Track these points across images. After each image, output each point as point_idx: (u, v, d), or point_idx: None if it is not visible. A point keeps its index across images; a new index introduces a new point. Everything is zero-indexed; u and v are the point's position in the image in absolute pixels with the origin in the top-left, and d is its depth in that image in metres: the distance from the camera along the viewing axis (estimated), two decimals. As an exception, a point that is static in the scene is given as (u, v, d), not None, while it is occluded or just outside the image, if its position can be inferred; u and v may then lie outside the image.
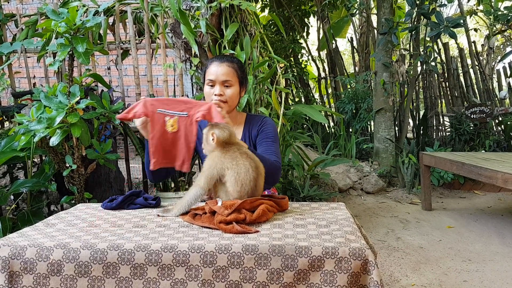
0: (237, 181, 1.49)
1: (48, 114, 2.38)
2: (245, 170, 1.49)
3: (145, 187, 3.59)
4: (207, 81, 1.90)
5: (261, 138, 1.93)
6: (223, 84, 1.87)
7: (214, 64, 1.90)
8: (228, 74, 1.88)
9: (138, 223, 1.48)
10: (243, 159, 1.51)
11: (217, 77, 1.87)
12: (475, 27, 7.26)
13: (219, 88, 1.87)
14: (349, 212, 1.61)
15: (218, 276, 1.19)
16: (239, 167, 1.49)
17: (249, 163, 1.51)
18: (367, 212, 4.46)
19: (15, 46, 3.25)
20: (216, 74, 1.87)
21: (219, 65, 1.88)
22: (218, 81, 1.87)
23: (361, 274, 1.18)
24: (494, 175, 3.23)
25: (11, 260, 1.22)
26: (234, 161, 1.51)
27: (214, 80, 1.87)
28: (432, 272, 2.86)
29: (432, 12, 5.03)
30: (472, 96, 6.56)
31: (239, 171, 1.49)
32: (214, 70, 1.88)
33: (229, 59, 1.92)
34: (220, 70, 1.87)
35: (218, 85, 1.87)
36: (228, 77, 1.88)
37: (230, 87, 1.89)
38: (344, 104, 6.61)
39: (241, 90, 1.95)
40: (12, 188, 2.75)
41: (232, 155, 1.52)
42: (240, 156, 1.52)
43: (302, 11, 7.63)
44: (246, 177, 1.49)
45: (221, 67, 1.88)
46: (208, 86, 1.90)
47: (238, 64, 1.93)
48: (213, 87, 1.89)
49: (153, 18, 3.40)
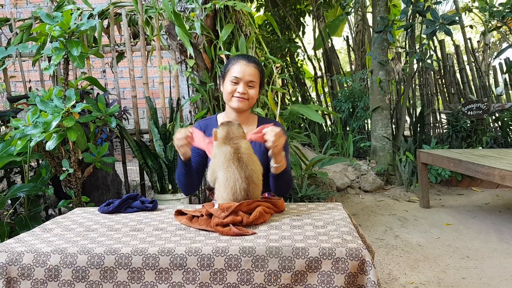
0: (227, 188, 1.47)
1: (44, 118, 2.38)
2: (234, 179, 1.48)
3: (143, 189, 3.59)
4: (231, 77, 1.90)
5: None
6: (247, 84, 1.89)
7: (240, 62, 1.91)
8: (254, 75, 1.90)
9: (135, 227, 1.48)
10: (234, 166, 1.49)
11: (244, 76, 1.88)
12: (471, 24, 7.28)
13: (243, 87, 1.88)
14: (346, 212, 1.61)
15: (216, 279, 1.19)
16: (228, 173, 1.48)
17: (238, 172, 1.49)
18: (365, 211, 4.46)
19: (10, 50, 3.24)
20: (243, 73, 1.88)
21: (246, 65, 1.89)
22: (244, 80, 1.88)
23: (358, 274, 1.19)
24: (492, 172, 3.23)
25: (9, 266, 1.22)
26: (226, 162, 1.49)
27: (240, 78, 1.88)
28: (430, 269, 2.86)
29: (427, 9, 5.04)
30: (468, 92, 6.57)
31: (228, 178, 1.48)
32: (241, 69, 1.89)
33: (256, 61, 1.95)
34: (248, 70, 1.89)
35: (242, 84, 1.88)
36: (253, 78, 1.90)
37: (253, 88, 1.91)
38: (340, 103, 6.62)
39: (259, 92, 1.99)
40: (10, 192, 2.74)
41: (227, 154, 1.51)
42: (232, 160, 1.50)
43: (297, 10, 7.63)
44: (235, 186, 1.48)
45: (248, 67, 1.89)
46: (232, 83, 1.90)
47: (261, 68, 1.96)
48: (236, 84, 1.89)
49: (147, 20, 3.39)
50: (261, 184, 1.58)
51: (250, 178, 1.49)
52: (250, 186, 1.50)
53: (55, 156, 2.76)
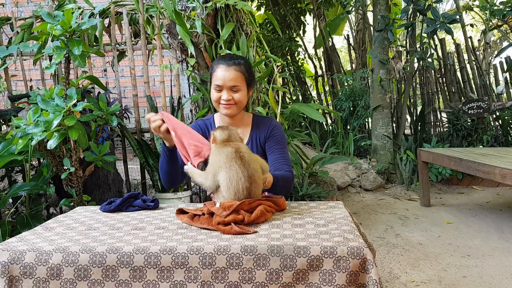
0: (229, 188, 1.47)
1: (45, 117, 2.38)
2: (237, 178, 1.46)
3: (144, 188, 3.59)
4: (214, 85, 1.84)
5: (272, 145, 1.91)
6: (230, 89, 1.82)
7: (220, 68, 1.83)
8: (236, 79, 1.82)
9: (136, 226, 1.49)
10: (237, 165, 1.48)
11: (225, 82, 1.81)
12: (471, 22, 7.27)
13: (227, 93, 1.82)
14: (347, 211, 1.61)
15: (218, 277, 1.19)
16: (231, 172, 1.47)
17: (241, 171, 1.47)
18: (366, 209, 4.47)
19: (11, 49, 3.24)
20: (223, 79, 1.81)
21: (226, 69, 1.81)
22: (226, 86, 1.81)
23: (359, 273, 1.19)
24: (492, 171, 3.24)
25: (11, 265, 1.23)
26: (228, 162, 1.49)
27: (222, 86, 1.81)
28: (431, 268, 2.87)
29: (428, 8, 5.03)
30: (469, 91, 6.57)
31: (231, 177, 1.47)
32: (221, 75, 1.81)
33: (236, 62, 1.84)
34: (228, 75, 1.81)
35: (225, 90, 1.82)
36: (236, 82, 1.82)
37: (238, 92, 1.83)
38: (341, 102, 6.62)
39: (249, 91, 1.90)
40: (11, 191, 2.74)
41: (228, 154, 1.50)
42: (235, 159, 1.49)
43: (298, 9, 7.63)
44: (238, 185, 1.47)
45: (228, 72, 1.81)
46: (216, 90, 1.84)
47: (245, 66, 1.86)
48: (220, 91, 1.83)
49: (148, 19, 3.39)
50: (262, 183, 1.57)
51: (252, 177, 1.49)
52: (252, 186, 1.49)
53: (56, 155, 2.76)
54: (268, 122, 1.96)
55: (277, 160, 1.86)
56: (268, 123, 1.95)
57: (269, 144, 1.91)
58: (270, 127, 1.93)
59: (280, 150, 1.89)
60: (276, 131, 1.93)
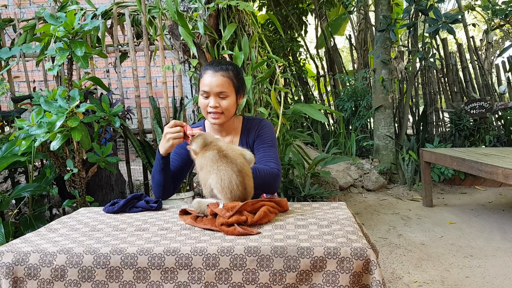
0: (223, 188, 1.45)
1: (48, 119, 2.39)
2: (228, 176, 1.45)
3: (146, 189, 3.60)
4: (201, 92, 1.80)
5: (259, 144, 1.87)
6: (218, 96, 1.78)
7: (208, 73, 1.78)
8: (223, 85, 1.77)
9: (140, 227, 1.49)
10: (224, 164, 1.46)
11: (211, 88, 1.77)
12: (473, 22, 7.26)
13: (214, 100, 1.77)
14: (350, 212, 1.62)
15: (221, 278, 1.20)
16: (221, 173, 1.45)
17: (230, 168, 1.46)
18: (368, 210, 4.46)
19: (13, 51, 3.25)
20: (210, 85, 1.77)
21: (213, 75, 1.77)
22: (213, 92, 1.77)
23: (363, 274, 1.19)
24: (495, 171, 3.23)
25: (15, 266, 1.23)
26: (215, 164, 1.47)
27: (209, 92, 1.77)
28: (434, 268, 2.86)
29: (430, 8, 5.03)
30: (471, 91, 6.56)
31: (222, 177, 1.45)
32: (208, 81, 1.77)
33: (224, 68, 1.80)
34: (215, 81, 1.76)
35: (213, 97, 1.78)
36: (223, 89, 1.77)
37: (226, 98, 1.79)
38: (343, 102, 6.61)
39: (238, 98, 1.85)
40: (14, 192, 2.76)
41: (212, 158, 1.48)
42: (220, 160, 1.47)
43: (299, 9, 7.63)
44: (231, 183, 1.45)
45: (215, 78, 1.76)
46: (203, 97, 1.80)
47: (233, 72, 1.81)
48: (207, 98, 1.79)
49: (151, 20, 3.40)
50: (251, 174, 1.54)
51: (243, 170, 1.48)
52: (245, 179, 1.49)
53: (59, 156, 2.77)
54: (257, 123, 1.92)
55: (263, 158, 1.82)
56: (257, 123, 1.92)
57: (257, 143, 1.88)
58: (258, 128, 1.90)
59: (267, 148, 1.85)
60: (263, 130, 1.89)
